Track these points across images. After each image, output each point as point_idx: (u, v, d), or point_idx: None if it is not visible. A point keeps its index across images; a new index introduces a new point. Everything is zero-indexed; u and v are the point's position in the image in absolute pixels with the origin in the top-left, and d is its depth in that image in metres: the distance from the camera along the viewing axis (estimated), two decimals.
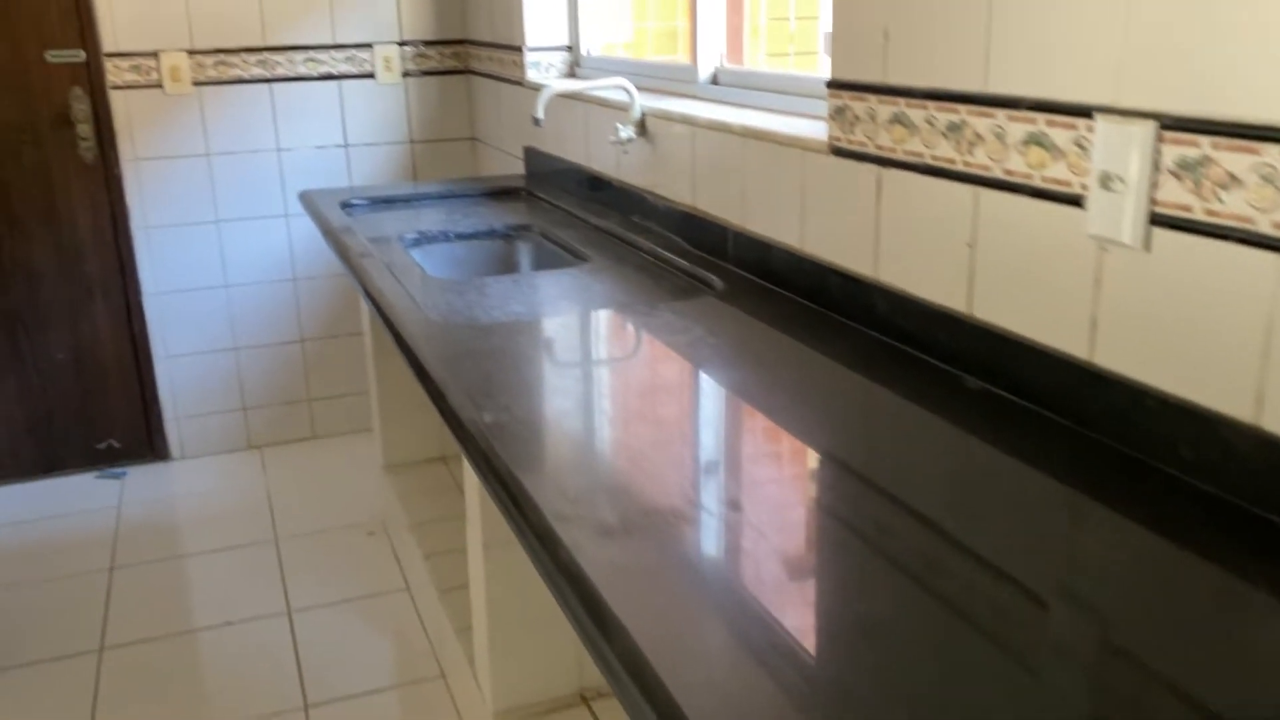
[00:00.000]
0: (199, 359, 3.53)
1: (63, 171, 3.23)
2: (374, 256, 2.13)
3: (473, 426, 1.24)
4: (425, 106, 3.59)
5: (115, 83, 3.21)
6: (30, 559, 2.98)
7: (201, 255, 3.44)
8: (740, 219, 1.92)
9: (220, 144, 3.37)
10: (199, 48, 3.27)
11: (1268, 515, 0.97)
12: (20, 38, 3.10)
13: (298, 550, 3.01)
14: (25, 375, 3.35)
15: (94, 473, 3.49)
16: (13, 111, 3.15)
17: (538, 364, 1.48)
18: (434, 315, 1.72)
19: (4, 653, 2.55)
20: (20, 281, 3.27)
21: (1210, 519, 0.98)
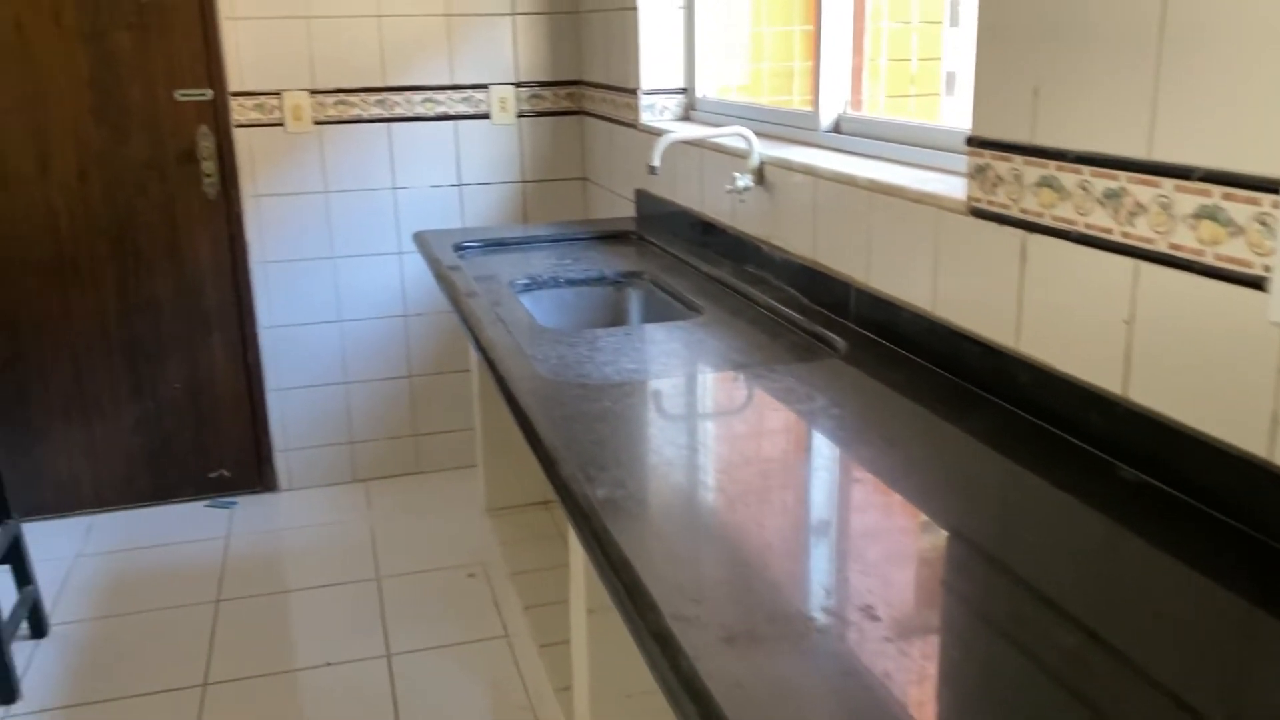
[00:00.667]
0: (309, 392, 3.57)
1: (186, 207, 3.32)
2: (484, 301, 2.10)
3: (585, 503, 1.18)
4: (538, 147, 3.59)
5: (239, 121, 3.29)
6: (141, 587, 3.03)
7: (316, 290, 3.49)
8: (865, 276, 1.83)
9: (338, 182, 3.42)
10: (321, 87, 3.33)
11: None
12: (153, 78, 3.20)
13: (399, 590, 3.00)
14: (144, 404, 3.43)
15: (205, 501, 3.56)
16: (143, 148, 3.24)
17: (652, 431, 1.41)
18: (545, 371, 1.67)
19: (111, 683, 2.58)
20: (143, 312, 3.36)
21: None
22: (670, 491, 1.23)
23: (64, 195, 3.22)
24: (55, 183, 3.20)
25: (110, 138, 3.21)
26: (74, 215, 3.24)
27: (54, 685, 2.58)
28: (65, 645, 2.75)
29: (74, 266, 3.27)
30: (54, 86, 3.13)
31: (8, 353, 3.27)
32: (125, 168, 3.24)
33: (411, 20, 3.37)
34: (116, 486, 3.47)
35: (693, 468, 1.29)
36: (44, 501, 3.41)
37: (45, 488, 3.40)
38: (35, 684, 2.58)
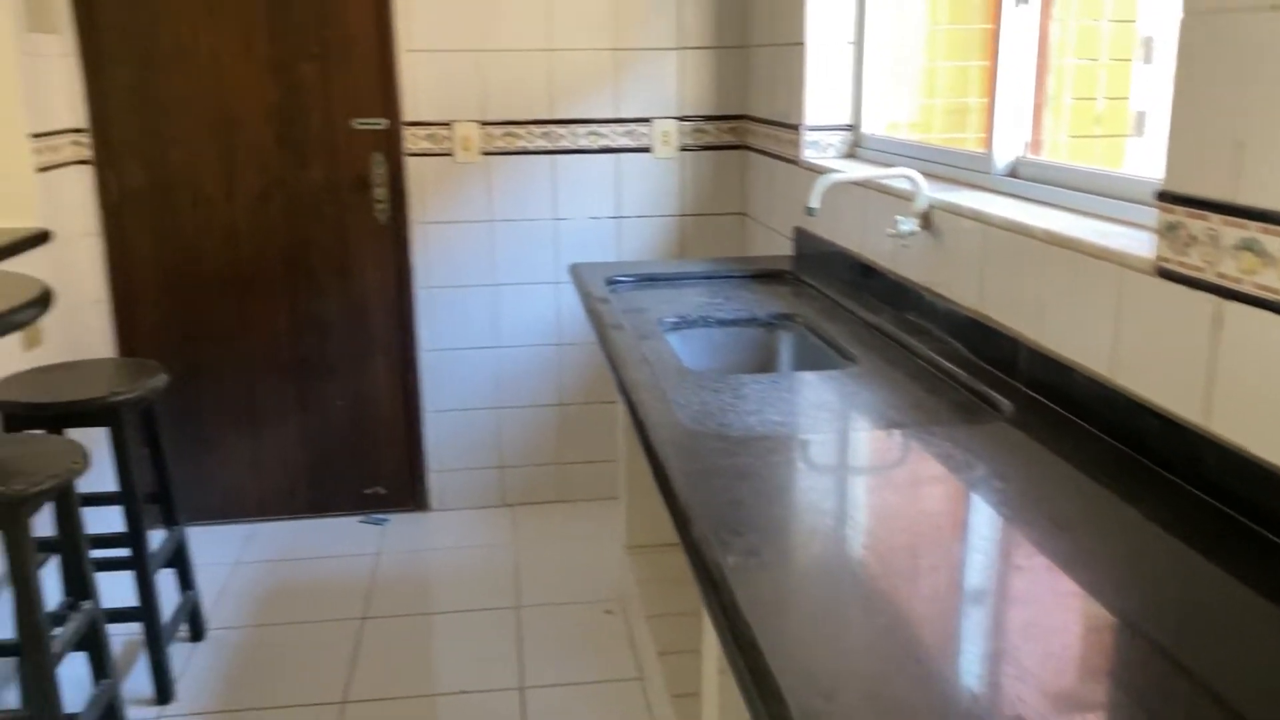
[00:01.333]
0: (463, 415, 3.63)
1: (358, 231, 3.44)
2: (630, 337, 2.06)
3: (715, 571, 1.12)
4: (698, 181, 3.56)
5: (411, 150, 3.39)
6: (293, 598, 3.13)
7: (475, 316, 3.55)
8: (1035, 333, 1.70)
9: (502, 211, 3.47)
10: (490, 119, 3.40)
11: None
12: (333, 107, 3.34)
13: (537, 620, 2.99)
14: (309, 419, 3.56)
15: (359, 517, 3.66)
16: (320, 173, 3.38)
17: (793, 494, 1.34)
18: (686, 417, 1.62)
19: (258, 691, 2.66)
20: (312, 331, 3.49)
21: None
22: (809, 564, 1.15)
23: (246, 216, 3.38)
24: (239, 204, 3.37)
25: (291, 163, 3.36)
26: (254, 235, 3.40)
27: (206, 689, 2.68)
28: (220, 650, 2.86)
29: (251, 284, 3.43)
30: (243, 113, 3.31)
31: (188, 363, 3.45)
32: (303, 192, 3.39)
33: (579, 54, 3.40)
34: (278, 497, 3.61)
35: (836, 539, 1.21)
36: (211, 507, 3.57)
37: (213, 494, 3.57)
38: (190, 686, 2.69)
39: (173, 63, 3.24)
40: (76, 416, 2.43)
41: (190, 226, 3.36)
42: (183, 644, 2.86)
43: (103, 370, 2.61)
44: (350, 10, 3.27)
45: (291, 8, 3.25)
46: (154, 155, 3.29)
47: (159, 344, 3.43)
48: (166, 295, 3.40)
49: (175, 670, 2.72)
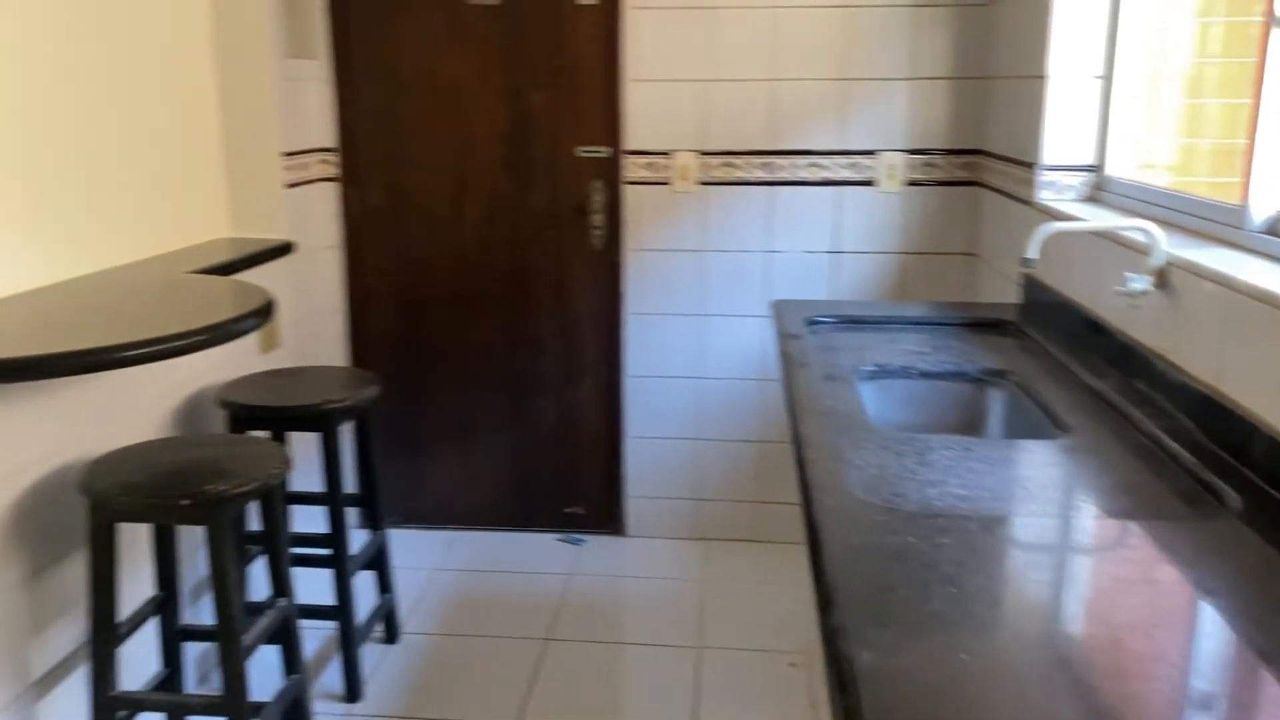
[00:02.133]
0: (664, 443, 3.61)
1: (575, 256, 3.49)
2: (817, 383, 1.95)
3: (846, 666, 1.01)
4: (925, 218, 3.37)
5: (630, 178, 3.41)
6: (485, 609, 3.20)
7: (681, 345, 3.52)
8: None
9: (715, 241, 3.43)
10: (709, 149, 3.37)
11: None
12: (559, 135, 3.41)
13: (718, 664, 2.91)
14: (517, 435, 3.65)
15: (557, 535, 3.71)
16: (543, 199, 3.46)
17: (957, 588, 1.20)
18: (855, 482, 1.50)
19: (441, 700, 2.73)
20: (526, 350, 3.58)
21: None
22: (958, 676, 1.02)
23: (473, 237, 3.51)
24: (467, 225, 3.50)
25: (516, 188, 3.46)
26: (479, 255, 3.52)
27: (393, 691, 2.77)
28: (411, 654, 2.96)
29: (473, 302, 3.55)
30: (476, 139, 3.44)
31: (411, 373, 3.62)
32: (526, 216, 3.48)
33: (804, 84, 3.31)
34: (483, 508, 3.72)
35: (994, 650, 1.06)
36: (420, 512, 3.73)
37: (424, 500, 3.72)
38: (379, 687, 2.79)
39: (415, 89, 3.41)
40: (292, 421, 2.58)
41: (421, 244, 3.53)
42: (377, 645, 2.98)
43: (322, 378, 2.76)
44: (581, 41, 3.33)
45: (526, 38, 3.35)
46: (392, 175, 3.48)
47: (386, 353, 3.61)
48: (396, 307, 3.58)
49: (366, 671, 2.83)
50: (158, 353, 1.94)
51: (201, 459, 2.14)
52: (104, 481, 2.02)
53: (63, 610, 2.19)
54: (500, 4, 3.33)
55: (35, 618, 2.11)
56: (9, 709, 2.04)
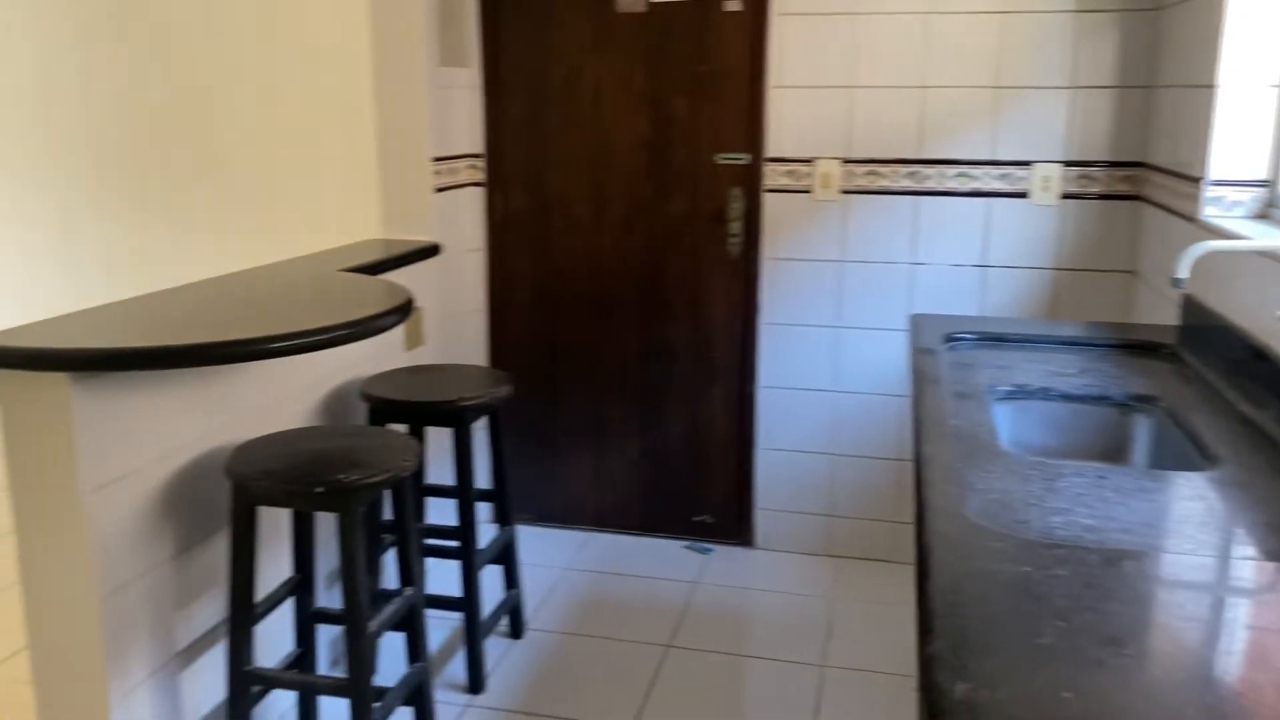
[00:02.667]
0: (795, 457, 3.56)
1: (710, 263, 3.48)
2: (947, 401, 1.88)
3: (937, 696, 0.96)
4: (1081, 233, 3.22)
5: (770, 185, 3.38)
6: (610, 611, 3.22)
7: (816, 357, 3.46)
8: None
9: (855, 252, 3.36)
10: (853, 157, 3.30)
11: None
12: (700, 142, 3.41)
13: (839, 683, 2.84)
14: (648, 440, 3.66)
15: (685, 542, 3.70)
16: (682, 206, 3.47)
17: (1069, 622, 1.13)
18: (974, 506, 1.44)
19: (559, 698, 2.76)
20: (659, 357, 3.59)
21: None
22: (1056, 717, 0.96)
23: (611, 242, 3.55)
24: (606, 231, 3.54)
25: (656, 194, 3.48)
26: (616, 262, 3.55)
27: (515, 686, 2.82)
28: (535, 650, 3.01)
29: (609, 307, 3.59)
30: (617, 145, 3.47)
31: (547, 374, 3.68)
32: (664, 223, 3.49)
33: (956, 92, 3.20)
34: (613, 511, 3.75)
35: (1101, 689, 1.00)
36: (553, 512, 3.78)
37: (556, 500, 3.78)
38: (500, 680, 2.85)
39: (560, 95, 3.48)
40: (427, 416, 2.66)
41: (561, 249, 3.59)
42: (502, 639, 3.05)
43: (459, 376, 2.84)
44: (726, 48, 3.33)
45: (671, 45, 3.36)
46: (536, 181, 3.55)
47: (524, 354, 3.69)
48: (535, 310, 3.65)
49: (490, 664, 2.90)
50: (301, 345, 2.03)
51: (338, 449, 2.23)
52: (246, 466, 2.13)
53: (207, 586, 2.32)
54: (647, 12, 3.36)
55: (182, 592, 2.25)
56: (155, 676, 2.17)
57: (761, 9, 3.27)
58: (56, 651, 2.04)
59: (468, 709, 2.72)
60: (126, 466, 2.07)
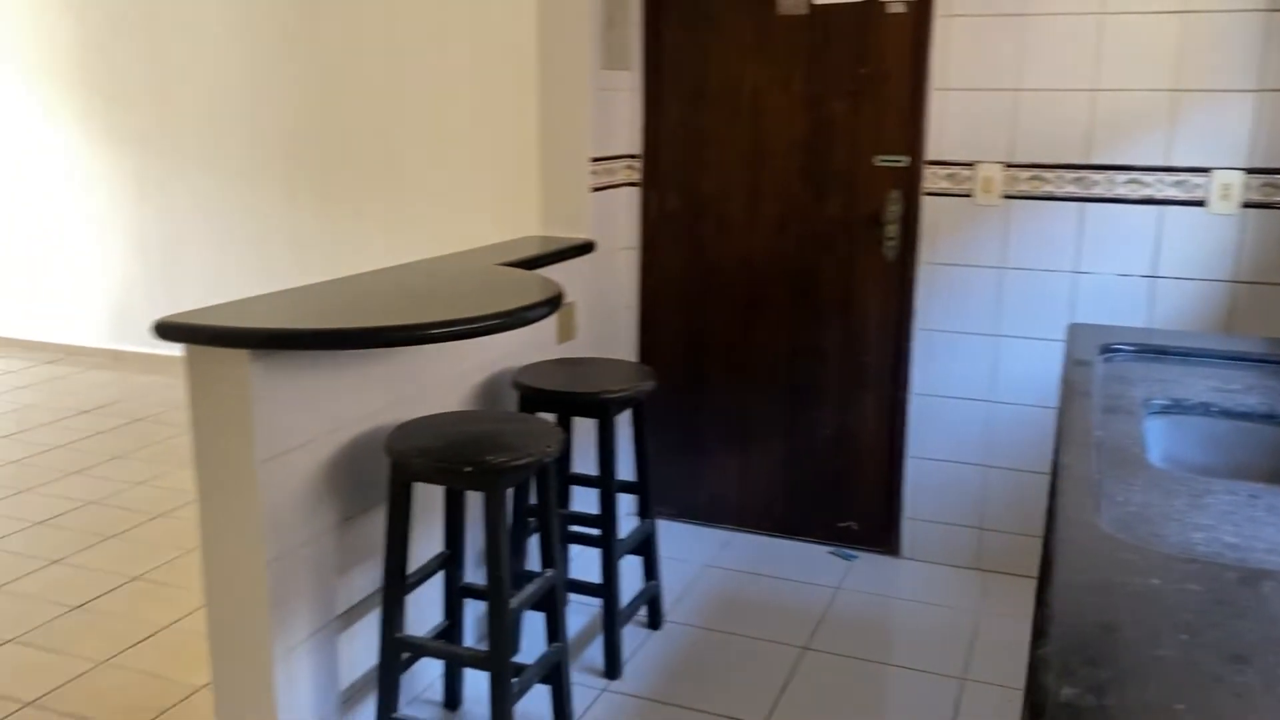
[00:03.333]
0: (946, 466, 3.49)
1: (865, 266, 3.45)
2: (1095, 412, 1.83)
3: (1041, 698, 0.96)
4: (1264, 244, 3.03)
5: (929, 189, 3.32)
6: (748, 610, 3.24)
7: (972, 365, 3.38)
8: None
9: (1016, 258, 3.27)
10: (1016, 161, 3.21)
11: None
12: (858, 143, 3.39)
13: (979, 698, 2.78)
14: (794, 442, 3.66)
15: (829, 548, 3.68)
16: (837, 208, 3.45)
17: (1193, 636, 1.09)
18: (1110, 518, 1.40)
19: (693, 690, 2.80)
20: (808, 359, 3.58)
21: None
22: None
23: (764, 243, 3.57)
24: (759, 231, 3.57)
25: (811, 195, 3.48)
26: (769, 262, 3.57)
27: (650, 674, 2.88)
28: (671, 641, 3.06)
29: (760, 307, 3.61)
30: (773, 147, 3.49)
31: (695, 371, 3.73)
32: (818, 224, 3.49)
33: (1130, 95, 3.07)
34: (757, 512, 3.76)
35: (1215, 705, 0.97)
36: (697, 508, 3.83)
37: (700, 496, 3.82)
38: (636, 668, 2.91)
39: (718, 98, 3.52)
40: (573, 406, 2.75)
41: (713, 249, 3.63)
42: (641, 629, 3.11)
43: (605, 369, 2.92)
44: (887, 50, 3.29)
45: (831, 48, 3.36)
46: (690, 181, 3.61)
47: (673, 350, 3.75)
48: (685, 308, 3.71)
49: (627, 651, 2.97)
50: (455, 333, 2.15)
51: (488, 432, 2.34)
52: (404, 444, 2.26)
53: (365, 556, 2.48)
54: (808, 14, 3.36)
55: (343, 559, 2.41)
56: (315, 636, 2.33)
57: (926, 11, 3.22)
58: (228, 609, 2.23)
59: (604, 693, 2.79)
60: (297, 439, 2.24)
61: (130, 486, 4.16)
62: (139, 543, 3.65)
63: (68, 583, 3.34)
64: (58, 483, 4.18)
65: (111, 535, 3.70)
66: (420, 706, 2.69)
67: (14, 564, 3.47)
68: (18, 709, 2.67)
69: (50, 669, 2.85)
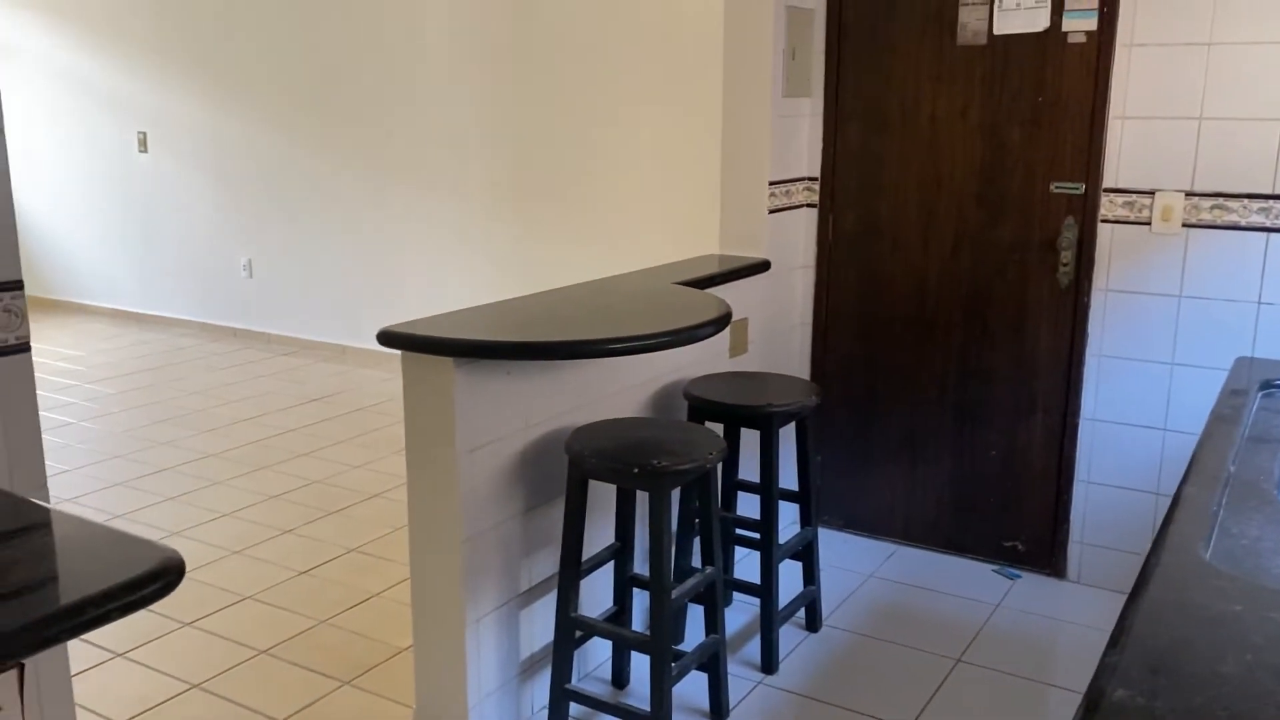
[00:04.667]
0: (1117, 493, 3.48)
1: (1037, 291, 3.49)
2: (1238, 442, 1.88)
3: (1095, 696, 1.10)
4: None
5: (1105, 216, 3.34)
6: (907, 621, 3.36)
7: (1146, 393, 3.37)
8: None
9: (1195, 288, 3.24)
10: (1198, 190, 3.19)
11: None
12: (1034, 170, 3.44)
13: None
14: (960, 460, 3.74)
15: (993, 565, 3.73)
16: (1011, 232, 3.51)
17: (1256, 660, 1.20)
18: (1218, 548, 1.49)
19: (843, 691, 2.96)
20: (977, 379, 3.65)
21: None
22: None
23: (937, 265, 3.66)
24: (932, 254, 3.66)
25: (985, 220, 3.55)
26: (941, 283, 3.66)
27: (803, 672, 3.05)
28: (827, 644, 3.22)
29: (930, 327, 3.71)
30: (948, 172, 3.58)
31: (865, 387, 3.86)
32: (991, 248, 3.55)
33: None
34: (922, 526, 3.86)
35: (1260, 717, 1.08)
36: (862, 519, 3.96)
37: (866, 508, 3.95)
38: (791, 665, 3.09)
39: (896, 124, 3.64)
40: (739, 417, 2.96)
41: (887, 269, 3.75)
42: (798, 630, 3.28)
43: (772, 384, 3.12)
44: (1066, 78, 3.33)
45: (1009, 77, 3.42)
46: (866, 204, 3.74)
47: (845, 366, 3.89)
48: (858, 326, 3.84)
49: (784, 649, 3.15)
50: (629, 348, 2.41)
51: (656, 438, 2.59)
52: (582, 445, 2.54)
53: (545, 542, 2.77)
54: (987, 44, 3.44)
55: (526, 543, 2.71)
56: (499, 610, 2.64)
57: (1108, 40, 3.25)
58: (428, 582, 2.56)
59: (759, 685, 2.99)
60: (492, 435, 2.55)
61: (350, 469, 4.66)
62: (356, 519, 4.11)
63: (296, 550, 3.83)
64: (289, 462, 4.73)
65: (333, 511, 4.19)
66: (591, 682, 2.97)
67: (254, 532, 3.99)
68: (253, 655, 3.12)
69: (280, 624, 3.30)
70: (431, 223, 6.02)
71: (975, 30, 3.46)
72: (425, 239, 6.07)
